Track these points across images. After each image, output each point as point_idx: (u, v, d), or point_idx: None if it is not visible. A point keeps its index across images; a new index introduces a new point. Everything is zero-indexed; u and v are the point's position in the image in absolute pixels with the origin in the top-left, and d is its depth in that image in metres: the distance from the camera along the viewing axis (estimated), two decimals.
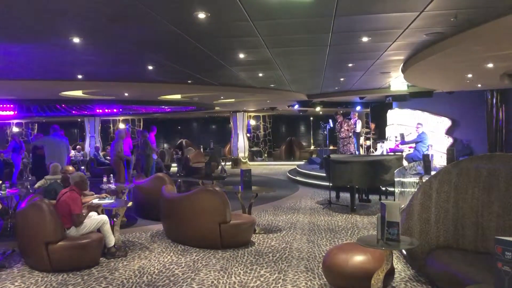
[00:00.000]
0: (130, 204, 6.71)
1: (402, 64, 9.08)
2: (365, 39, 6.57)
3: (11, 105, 13.84)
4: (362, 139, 15.86)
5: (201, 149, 21.26)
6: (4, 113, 14.27)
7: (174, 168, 19.25)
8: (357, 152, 14.88)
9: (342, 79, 11.73)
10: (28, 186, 8.64)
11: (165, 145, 26.16)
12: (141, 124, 25.63)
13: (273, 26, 5.78)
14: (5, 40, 6.17)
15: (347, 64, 9.09)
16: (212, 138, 25.17)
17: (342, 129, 13.84)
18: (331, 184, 9.61)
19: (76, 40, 6.05)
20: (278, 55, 7.86)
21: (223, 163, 16.86)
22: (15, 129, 23.29)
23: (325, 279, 4.73)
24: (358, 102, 17.23)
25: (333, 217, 8.35)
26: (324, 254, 5.47)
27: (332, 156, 9.88)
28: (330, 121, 14.81)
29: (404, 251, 5.32)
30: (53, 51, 6.90)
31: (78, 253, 5.47)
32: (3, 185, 7.83)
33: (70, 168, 6.99)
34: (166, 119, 26.80)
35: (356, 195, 9.44)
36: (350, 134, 13.95)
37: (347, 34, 6.34)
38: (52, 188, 6.63)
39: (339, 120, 14.06)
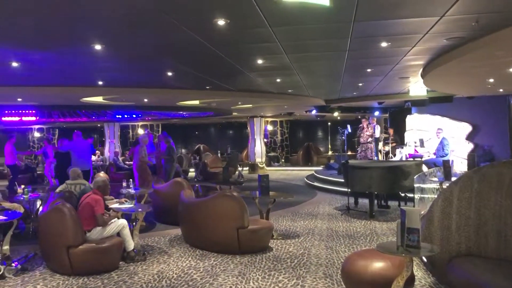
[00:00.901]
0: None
1: (421, 69, 8.99)
2: (384, 44, 6.53)
3: (33, 111, 14.11)
4: (380, 145, 15.71)
5: (219, 154, 21.36)
6: (26, 118, 14.54)
7: (192, 173, 19.35)
8: (375, 158, 14.75)
9: (360, 84, 11.66)
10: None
11: (183, 150, 26.33)
12: (160, 129, 25.85)
13: (292, 32, 5.80)
14: (28, 47, 6.30)
15: (365, 69, 9.04)
16: (229, 143, 25.27)
17: (362, 134, 13.73)
18: (349, 190, 9.54)
19: (97, 47, 6.16)
20: (296, 61, 7.87)
21: (240, 168, 16.89)
22: (37, 134, 23.72)
23: (344, 286, 4.69)
24: (377, 107, 17.11)
25: (352, 223, 8.29)
26: (342, 261, 5.44)
27: (350, 161, 9.82)
28: (348, 126, 14.72)
29: (424, 258, 5.26)
30: (75, 57, 7.02)
31: (98, 257, 5.54)
32: (26, 189, 7.98)
33: (102, 173, 7.11)
34: (184, 125, 27.01)
35: (375, 201, 9.36)
36: (369, 140, 13.82)
37: (366, 39, 6.32)
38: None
39: (360, 125, 13.95)
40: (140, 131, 24.91)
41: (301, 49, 6.95)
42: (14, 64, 7.21)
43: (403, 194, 9.74)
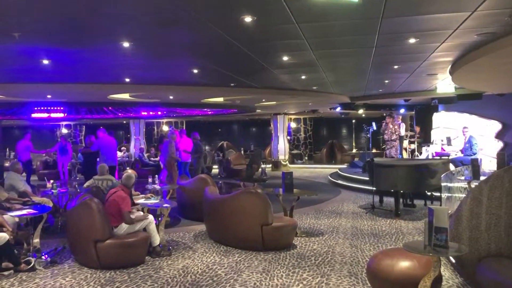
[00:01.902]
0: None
1: (450, 65, 8.81)
2: (412, 40, 6.42)
3: (61, 107, 14.40)
4: (406, 143, 15.48)
5: (242, 152, 21.41)
6: (55, 115, 14.85)
7: (215, 169, 19.49)
8: (399, 156, 14.55)
9: (386, 81, 11.50)
10: (76, 186, 8.99)
11: (207, 147, 26.51)
12: (184, 126, 26.08)
13: (319, 28, 5.75)
14: (58, 45, 6.43)
15: (392, 66, 8.90)
16: (252, 141, 25.27)
17: (386, 131, 13.55)
18: (374, 188, 9.44)
19: (125, 44, 6.23)
20: (322, 57, 7.80)
21: (263, 166, 16.90)
22: (64, 131, 24.21)
23: (369, 285, 4.66)
24: (402, 105, 16.83)
25: (377, 222, 8.20)
26: (367, 259, 5.41)
27: (375, 159, 9.72)
28: (373, 123, 14.54)
29: (452, 259, 5.17)
30: (103, 55, 7.13)
31: (125, 251, 5.64)
32: (54, 184, 8.17)
33: (129, 169, 7.26)
34: (207, 122, 27.18)
35: (401, 200, 9.23)
36: (393, 137, 13.64)
37: (394, 36, 6.21)
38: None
39: (383, 121, 13.77)
40: (165, 128, 25.18)
41: (327, 46, 6.89)
42: (45, 62, 7.37)
43: (429, 193, 9.60)
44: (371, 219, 8.46)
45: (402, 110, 17.63)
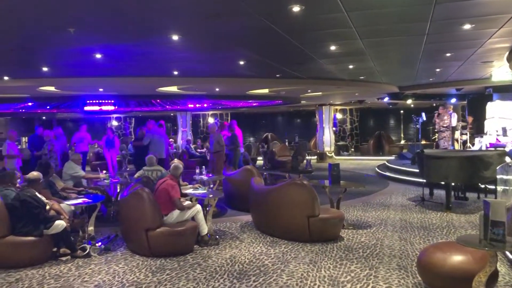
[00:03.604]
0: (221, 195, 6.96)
1: (507, 52, 8.40)
2: (467, 26, 6.16)
3: (112, 100, 14.84)
4: (457, 134, 14.93)
5: (286, 143, 21.37)
6: (106, 107, 15.32)
7: (260, 161, 19.55)
8: (450, 147, 14.06)
9: (438, 70, 11.12)
10: (127, 176, 9.28)
11: (251, 139, 26.66)
12: (229, 118, 26.31)
13: (369, 17, 5.62)
14: (108, 39, 6.64)
15: (444, 53, 8.59)
16: (297, 132, 25.18)
17: (438, 121, 13.12)
18: (424, 181, 9.17)
19: (174, 37, 6.35)
20: (371, 46, 7.64)
21: (308, 157, 16.79)
22: (115, 123, 25.01)
23: (419, 278, 4.55)
24: (454, 94, 16.23)
25: (427, 215, 7.98)
26: (417, 253, 5.28)
27: (426, 150, 9.43)
28: (423, 114, 14.10)
29: (509, 254, 4.96)
30: (152, 48, 7.30)
31: (174, 240, 5.77)
32: (107, 174, 8.48)
33: (176, 160, 7.44)
34: (252, 113, 27.29)
35: (452, 193, 8.92)
36: (442, 129, 13.18)
37: (447, 22, 5.99)
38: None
39: (436, 112, 13.35)
40: (210, 120, 25.52)
41: (377, 34, 6.74)
42: (98, 56, 7.63)
43: (483, 186, 9.22)
44: (421, 212, 8.24)
45: (453, 100, 17.00)
